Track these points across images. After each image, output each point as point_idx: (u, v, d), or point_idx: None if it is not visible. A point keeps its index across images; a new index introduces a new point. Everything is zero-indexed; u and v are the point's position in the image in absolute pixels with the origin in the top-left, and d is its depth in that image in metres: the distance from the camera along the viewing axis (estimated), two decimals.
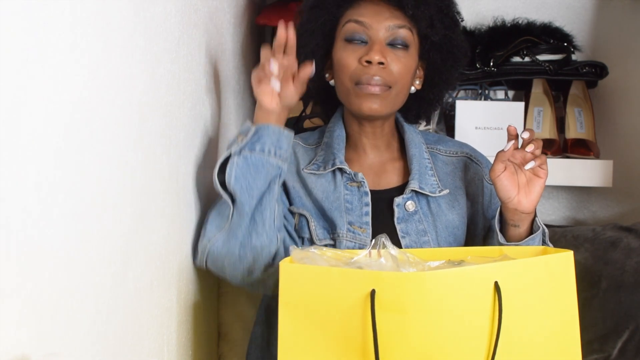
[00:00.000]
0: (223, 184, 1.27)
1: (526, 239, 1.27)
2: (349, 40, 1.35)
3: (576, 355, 1.12)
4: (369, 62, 1.32)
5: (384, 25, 1.34)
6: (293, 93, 1.29)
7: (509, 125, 1.26)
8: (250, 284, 1.31)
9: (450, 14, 1.40)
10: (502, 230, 1.30)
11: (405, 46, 1.35)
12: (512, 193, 1.25)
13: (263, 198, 1.27)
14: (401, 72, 1.34)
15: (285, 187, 1.39)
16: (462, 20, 1.44)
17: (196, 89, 1.31)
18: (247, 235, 1.26)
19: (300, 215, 1.37)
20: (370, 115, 1.35)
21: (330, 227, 1.36)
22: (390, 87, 1.33)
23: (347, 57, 1.34)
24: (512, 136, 1.26)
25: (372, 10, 1.35)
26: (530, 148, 1.23)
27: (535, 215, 1.28)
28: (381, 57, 1.31)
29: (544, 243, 1.31)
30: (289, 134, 1.29)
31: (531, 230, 1.29)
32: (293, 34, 1.29)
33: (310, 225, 1.36)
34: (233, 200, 1.26)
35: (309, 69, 1.29)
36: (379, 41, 1.33)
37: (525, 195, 1.25)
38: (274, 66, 1.27)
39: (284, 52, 1.29)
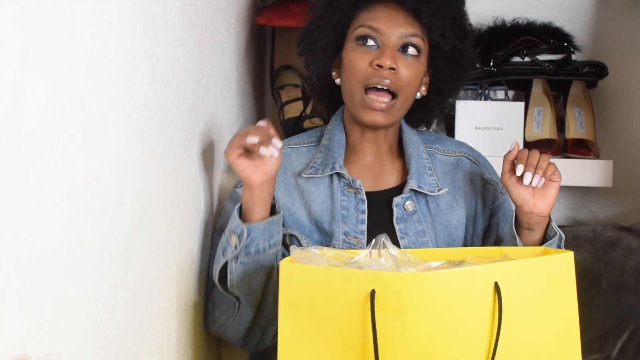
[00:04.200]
0: (223, 277, 1.30)
1: (544, 245, 1.26)
2: (361, 43, 1.34)
3: (576, 355, 1.12)
4: (380, 66, 1.31)
5: (398, 32, 1.33)
6: (276, 156, 1.25)
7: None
8: (262, 350, 1.38)
9: (463, 26, 1.39)
10: (517, 234, 1.28)
11: (417, 54, 1.34)
12: (526, 196, 1.25)
13: (265, 287, 1.30)
14: (410, 78, 1.33)
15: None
16: (473, 34, 1.43)
17: (196, 89, 1.31)
18: (255, 319, 1.33)
19: (291, 235, 1.37)
20: (372, 126, 1.36)
21: (325, 239, 1.36)
22: (396, 96, 1.33)
23: (358, 60, 1.33)
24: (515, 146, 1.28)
25: (386, 15, 1.34)
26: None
27: (550, 220, 1.28)
28: (392, 63, 1.31)
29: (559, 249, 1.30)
30: (278, 218, 1.28)
31: (545, 235, 1.28)
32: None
33: (302, 244, 1.35)
34: (237, 297, 1.30)
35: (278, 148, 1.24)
36: (391, 46, 1.32)
37: (540, 198, 1.25)
38: (252, 139, 1.22)
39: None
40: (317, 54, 1.40)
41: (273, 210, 1.30)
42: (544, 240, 1.28)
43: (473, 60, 1.43)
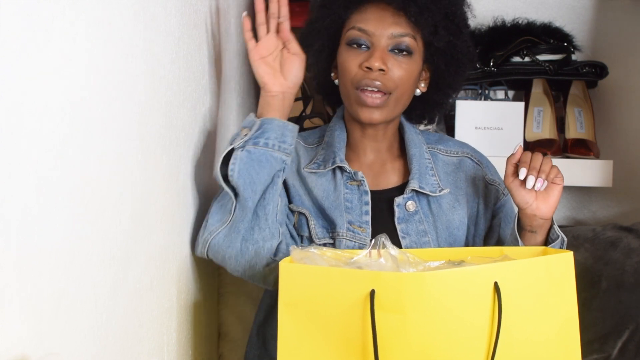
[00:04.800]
0: (225, 177, 1.27)
1: (547, 247, 1.25)
2: (352, 46, 1.35)
3: (576, 355, 1.12)
4: (369, 68, 1.31)
5: (387, 33, 1.33)
6: (297, 65, 1.32)
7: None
8: (251, 277, 1.31)
9: (456, 21, 1.38)
10: (519, 236, 1.28)
11: (408, 53, 1.34)
12: (529, 198, 1.25)
13: (266, 192, 1.28)
14: (402, 78, 1.33)
15: (285, 185, 1.39)
16: (468, 28, 1.42)
17: (196, 89, 1.31)
18: (250, 229, 1.27)
19: (300, 213, 1.37)
20: (369, 124, 1.36)
21: (330, 226, 1.36)
22: (390, 94, 1.33)
23: (349, 62, 1.34)
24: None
25: (376, 16, 1.34)
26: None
27: (553, 223, 1.28)
28: (381, 64, 1.31)
29: None
30: (293, 127, 1.30)
31: (547, 239, 1.28)
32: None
33: (310, 224, 1.35)
34: (236, 194, 1.27)
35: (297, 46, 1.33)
36: (381, 48, 1.33)
37: (543, 201, 1.25)
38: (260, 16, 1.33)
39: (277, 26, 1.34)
40: (315, 55, 1.41)
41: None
42: (546, 243, 1.28)
43: (471, 54, 1.42)
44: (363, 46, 1.34)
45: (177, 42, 1.18)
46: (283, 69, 1.32)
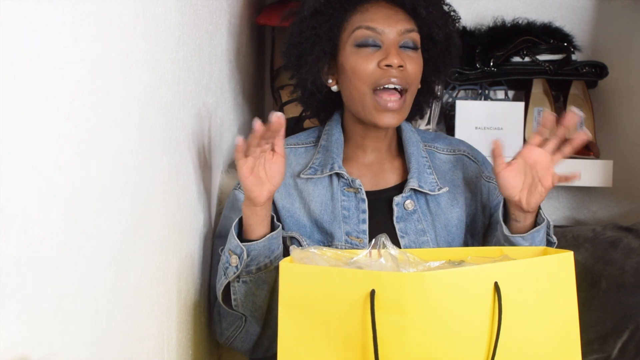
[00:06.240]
0: (226, 295, 1.31)
1: (530, 232, 1.26)
2: (362, 46, 1.33)
3: (576, 355, 1.12)
4: (389, 65, 1.31)
5: (396, 29, 1.33)
6: (281, 165, 1.25)
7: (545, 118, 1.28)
8: (269, 357, 1.39)
9: (450, 11, 1.41)
10: (506, 222, 1.29)
11: (416, 48, 1.35)
12: (514, 191, 1.25)
13: (271, 301, 1.31)
14: (416, 73, 1.34)
15: (274, 208, 1.37)
16: (459, 19, 1.44)
17: (196, 89, 1.31)
18: (262, 332, 1.35)
19: (291, 237, 1.37)
20: (386, 127, 1.36)
21: (327, 239, 1.35)
22: (406, 91, 1.33)
23: (363, 63, 1.32)
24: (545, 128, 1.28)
25: (381, 15, 1.34)
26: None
27: (539, 209, 1.28)
28: (400, 61, 1.31)
29: (547, 236, 1.30)
30: (277, 234, 1.27)
31: (535, 223, 1.29)
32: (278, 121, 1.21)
33: (303, 245, 1.35)
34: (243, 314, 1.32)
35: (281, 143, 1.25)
36: (394, 45, 1.32)
37: (528, 194, 1.25)
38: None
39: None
40: (313, 64, 1.37)
41: (272, 223, 1.30)
42: (531, 228, 1.28)
43: (459, 45, 1.44)
44: (373, 46, 1.33)
45: (177, 42, 1.18)
46: (269, 171, 1.24)
